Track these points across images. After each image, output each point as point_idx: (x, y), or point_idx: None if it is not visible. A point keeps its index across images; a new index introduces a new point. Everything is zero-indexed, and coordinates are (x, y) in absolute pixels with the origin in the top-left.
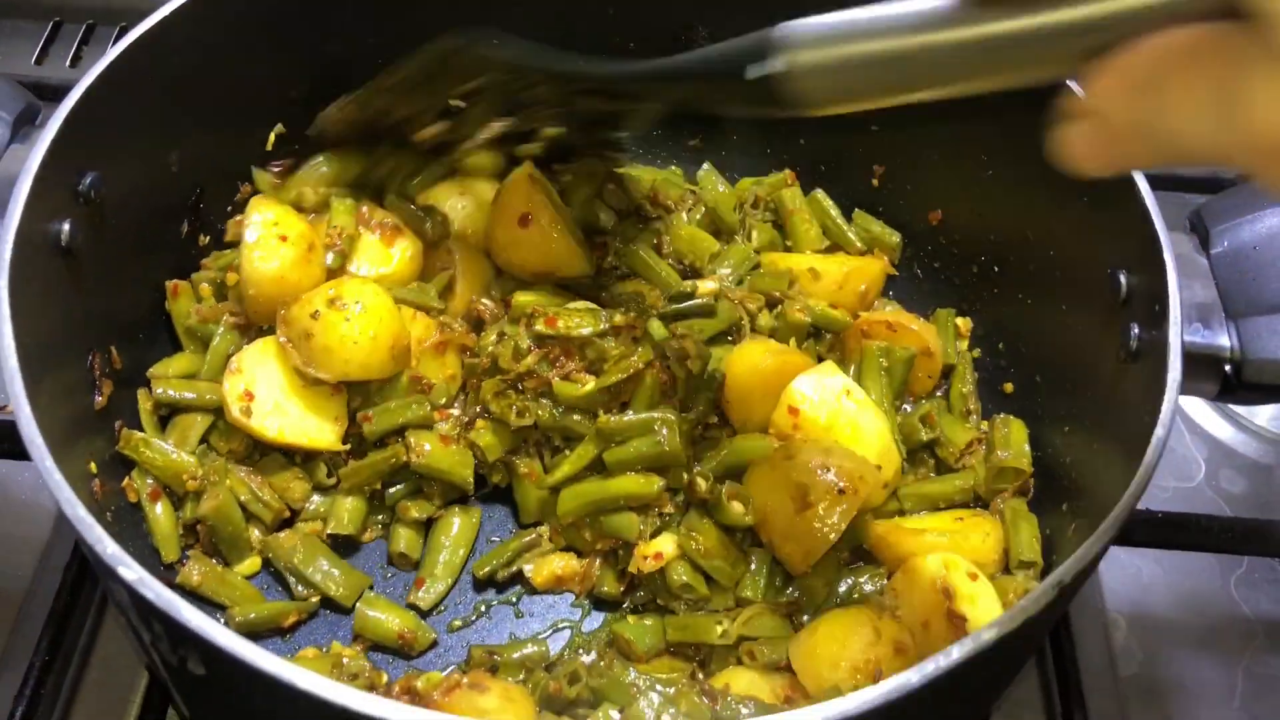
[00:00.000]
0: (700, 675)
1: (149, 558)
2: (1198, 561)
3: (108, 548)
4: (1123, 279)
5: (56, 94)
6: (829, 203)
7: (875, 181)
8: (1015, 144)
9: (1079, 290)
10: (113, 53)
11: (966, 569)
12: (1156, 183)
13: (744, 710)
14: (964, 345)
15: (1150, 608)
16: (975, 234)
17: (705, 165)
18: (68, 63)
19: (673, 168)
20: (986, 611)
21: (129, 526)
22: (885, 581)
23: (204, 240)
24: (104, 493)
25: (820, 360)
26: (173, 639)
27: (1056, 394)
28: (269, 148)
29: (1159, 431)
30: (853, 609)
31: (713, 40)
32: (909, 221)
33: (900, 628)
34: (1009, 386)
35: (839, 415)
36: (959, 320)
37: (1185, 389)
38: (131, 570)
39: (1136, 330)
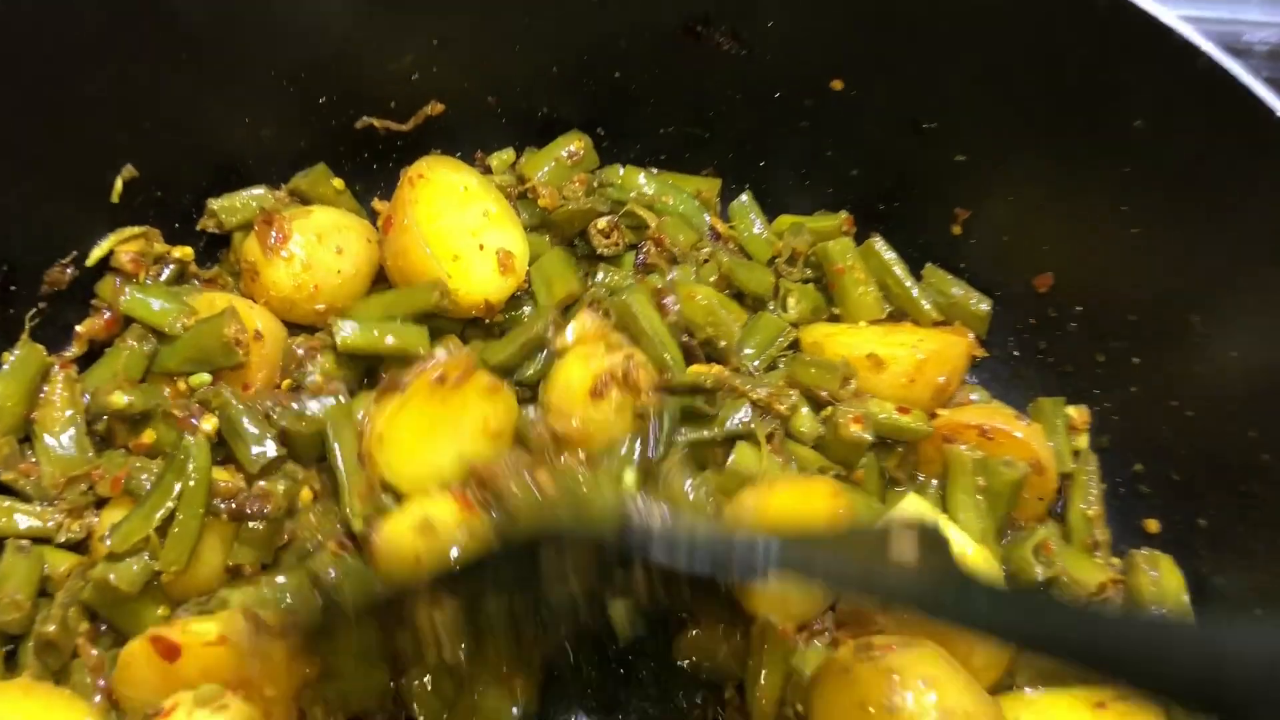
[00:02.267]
0: None
1: None
2: None
3: None
4: None
5: None
6: (891, 256)
7: (957, 229)
8: (1177, 190)
9: (1263, 372)
10: None
11: None
12: None
13: None
14: (1082, 443)
15: None
16: (1103, 309)
17: (745, 196)
18: None
19: (708, 175)
20: None
21: None
22: None
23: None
24: None
25: (889, 483)
26: None
27: (1234, 527)
28: (115, 198)
29: None
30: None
31: (733, 37)
32: (1003, 283)
33: None
34: (1152, 523)
35: None
36: (1071, 410)
37: None
38: None
39: None
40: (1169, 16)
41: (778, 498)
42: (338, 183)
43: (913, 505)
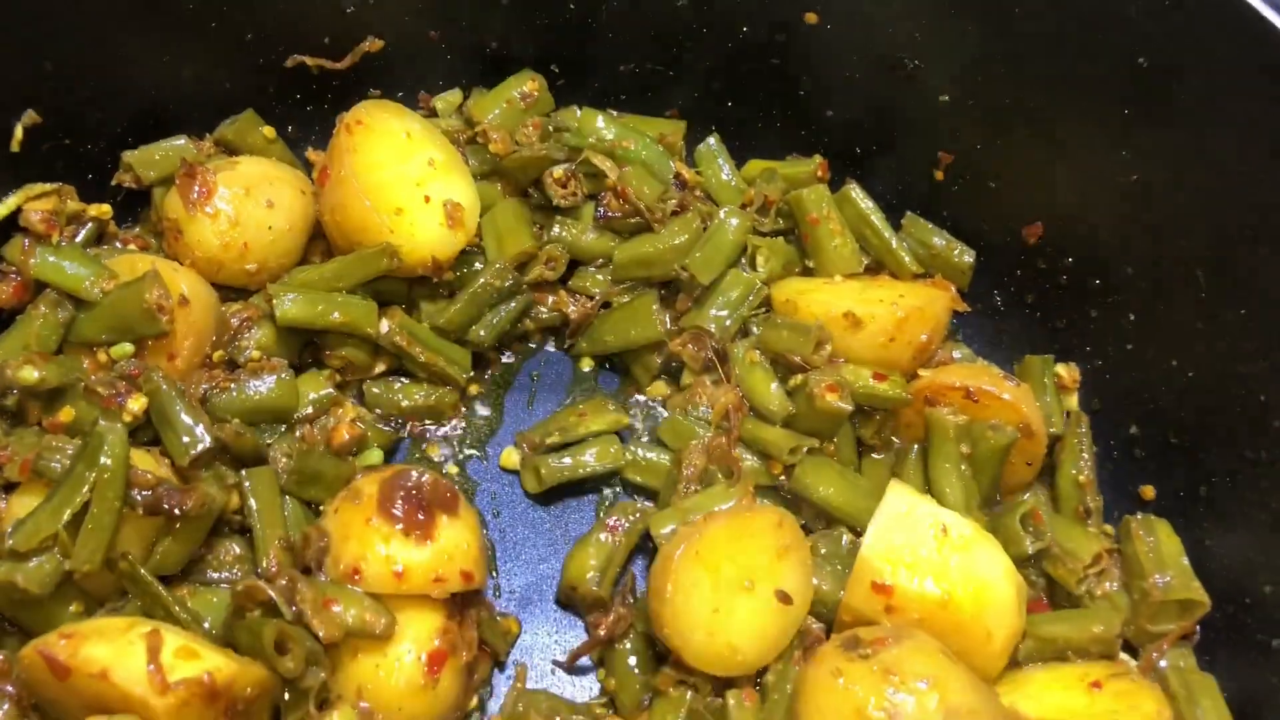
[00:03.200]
0: None
1: None
2: None
3: None
4: None
5: None
6: (868, 205)
7: (939, 174)
8: (1185, 134)
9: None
10: None
11: None
12: None
13: None
14: (1072, 404)
15: None
16: (1096, 261)
17: (712, 140)
18: None
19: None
20: None
21: None
22: None
23: None
24: None
25: (862, 450)
26: None
27: (1234, 495)
28: (15, 147)
29: None
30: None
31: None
32: (988, 233)
33: None
34: (1148, 490)
35: (945, 572)
36: (1060, 369)
37: None
38: None
39: None
40: None
41: (713, 534)
42: (268, 130)
43: (898, 496)
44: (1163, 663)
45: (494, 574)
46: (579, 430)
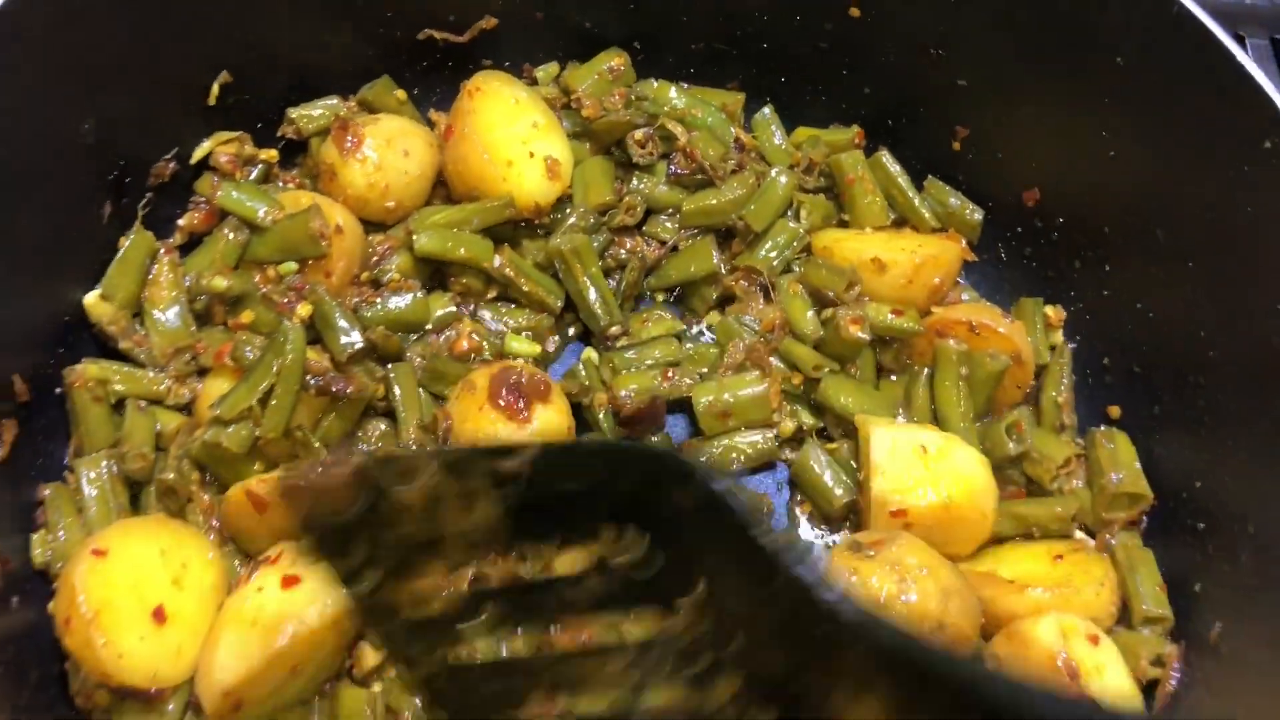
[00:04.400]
0: None
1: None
2: None
3: None
4: None
5: None
6: (896, 169)
7: (956, 145)
8: (1150, 119)
9: (1227, 315)
10: None
11: (1085, 631)
12: None
13: None
14: (1057, 339)
15: None
16: (1081, 221)
17: (767, 110)
18: None
19: (732, 88)
20: (1116, 687)
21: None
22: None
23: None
24: (6, 576)
25: (881, 372)
26: None
27: (1181, 412)
28: (212, 101)
29: None
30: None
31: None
32: (995, 195)
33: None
34: (1114, 410)
35: (937, 481)
36: (1049, 310)
37: None
38: None
39: None
40: None
41: None
42: (400, 94)
43: (879, 435)
44: (1113, 541)
45: None
46: (643, 334)
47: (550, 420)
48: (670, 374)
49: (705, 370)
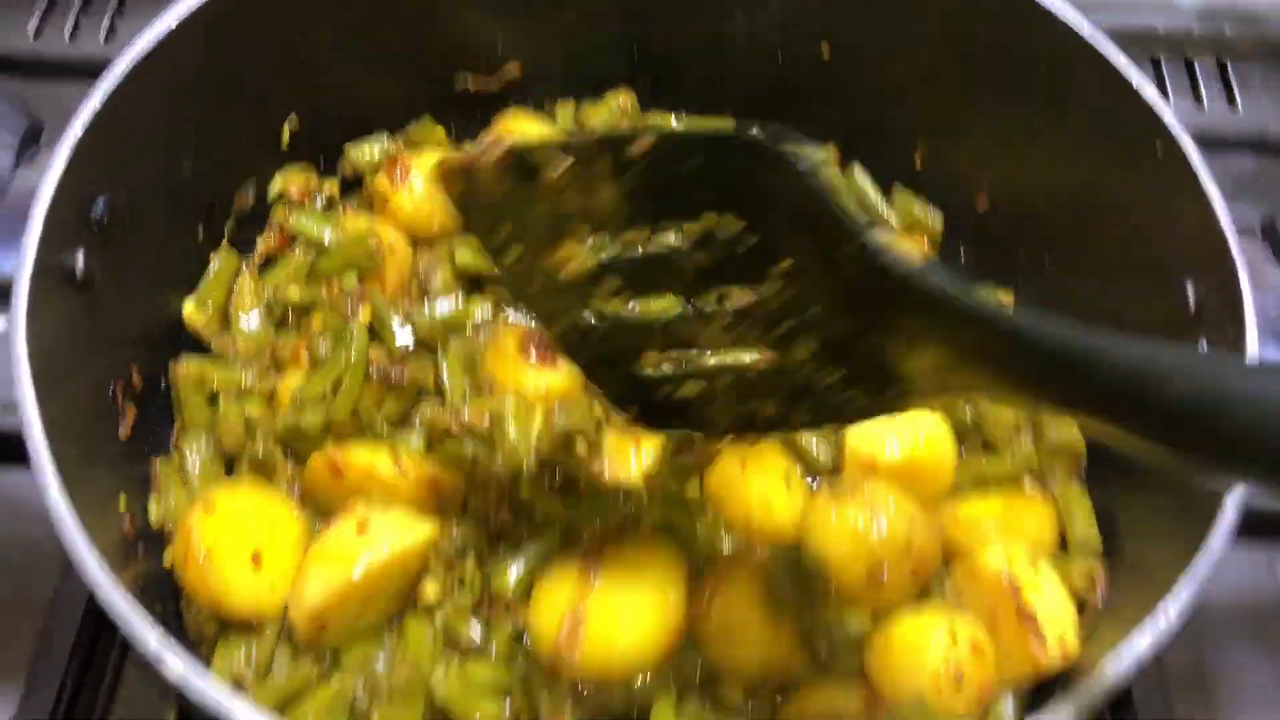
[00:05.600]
0: (780, 699)
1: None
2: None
3: (150, 642)
4: (1190, 289)
5: (58, 70)
6: (867, 181)
7: (918, 159)
8: (1072, 130)
9: (1139, 290)
10: (119, 67)
11: (1027, 556)
12: (1199, 143)
13: None
14: None
15: None
16: (1023, 220)
17: (754, 130)
18: (67, 35)
19: (724, 117)
20: (1053, 602)
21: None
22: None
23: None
24: (134, 531)
25: None
26: None
27: None
28: (284, 143)
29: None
30: (924, 612)
31: (746, 17)
32: (952, 201)
33: (974, 624)
34: None
35: (900, 433)
36: (1000, 294)
37: None
38: (178, 662)
39: (1206, 348)
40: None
41: None
42: (441, 131)
43: None
44: (1054, 486)
45: None
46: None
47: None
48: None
49: None
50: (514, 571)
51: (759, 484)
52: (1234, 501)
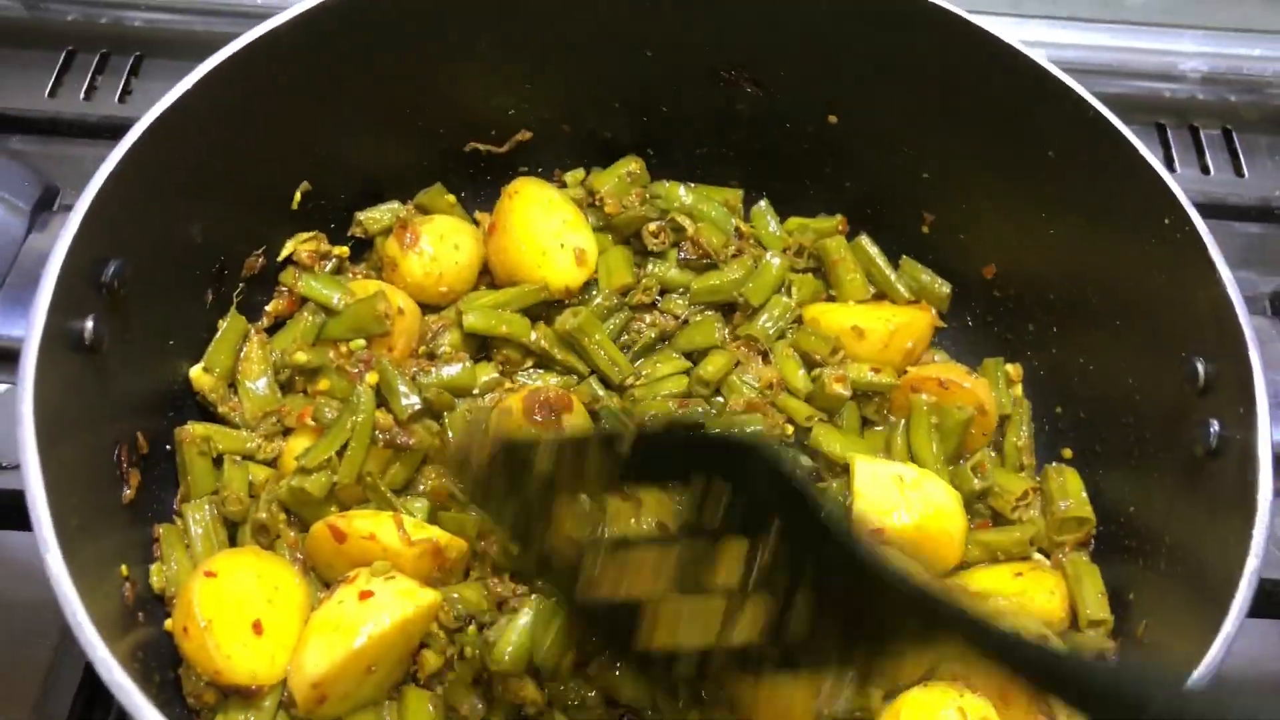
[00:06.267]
0: None
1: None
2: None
3: (146, 715)
4: (1200, 367)
5: (71, 129)
6: (875, 250)
7: (925, 229)
8: (1080, 202)
9: (1148, 365)
10: (132, 135)
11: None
12: (1205, 211)
13: None
14: (1017, 392)
15: None
16: (1031, 291)
17: (763, 203)
18: (82, 94)
19: (733, 185)
20: None
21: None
22: None
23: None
24: (135, 596)
25: (865, 423)
26: None
27: (1117, 450)
28: (294, 207)
29: (1251, 563)
30: (934, 687)
31: (754, 82)
32: (960, 271)
33: (983, 703)
34: (1068, 451)
35: (911, 505)
36: (1009, 367)
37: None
38: None
39: (1217, 427)
40: (1063, 76)
41: None
42: (450, 197)
43: (862, 467)
44: (1064, 559)
45: None
46: (655, 374)
47: (575, 424)
48: (684, 403)
49: (714, 410)
50: (514, 641)
51: None
52: (1248, 582)
